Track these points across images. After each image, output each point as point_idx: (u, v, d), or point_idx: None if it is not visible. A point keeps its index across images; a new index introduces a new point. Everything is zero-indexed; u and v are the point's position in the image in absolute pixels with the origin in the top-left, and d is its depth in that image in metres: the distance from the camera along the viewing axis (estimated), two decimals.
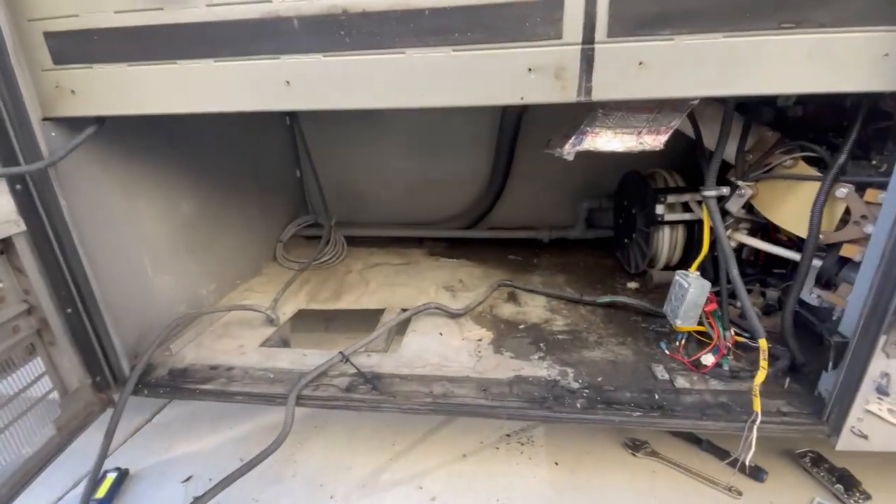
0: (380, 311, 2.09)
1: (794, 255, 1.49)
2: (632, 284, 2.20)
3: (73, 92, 1.33)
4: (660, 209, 1.96)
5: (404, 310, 2.02)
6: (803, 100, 1.52)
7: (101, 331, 1.50)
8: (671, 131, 1.33)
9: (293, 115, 2.79)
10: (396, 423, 1.94)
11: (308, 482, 1.70)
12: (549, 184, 2.84)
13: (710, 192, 1.46)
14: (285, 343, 2.01)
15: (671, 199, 1.93)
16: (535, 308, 2.05)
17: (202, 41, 1.21)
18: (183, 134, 1.94)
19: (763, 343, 1.35)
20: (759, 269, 1.95)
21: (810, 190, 1.36)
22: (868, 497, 1.52)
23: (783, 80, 1.08)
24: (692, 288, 1.52)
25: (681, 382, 1.52)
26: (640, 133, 1.35)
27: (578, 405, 1.43)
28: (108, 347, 1.53)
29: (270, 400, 1.57)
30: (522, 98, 1.17)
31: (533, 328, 1.89)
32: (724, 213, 1.57)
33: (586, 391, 1.49)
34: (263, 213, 2.60)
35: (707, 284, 1.52)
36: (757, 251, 1.90)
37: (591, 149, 1.35)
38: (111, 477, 1.65)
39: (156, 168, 1.82)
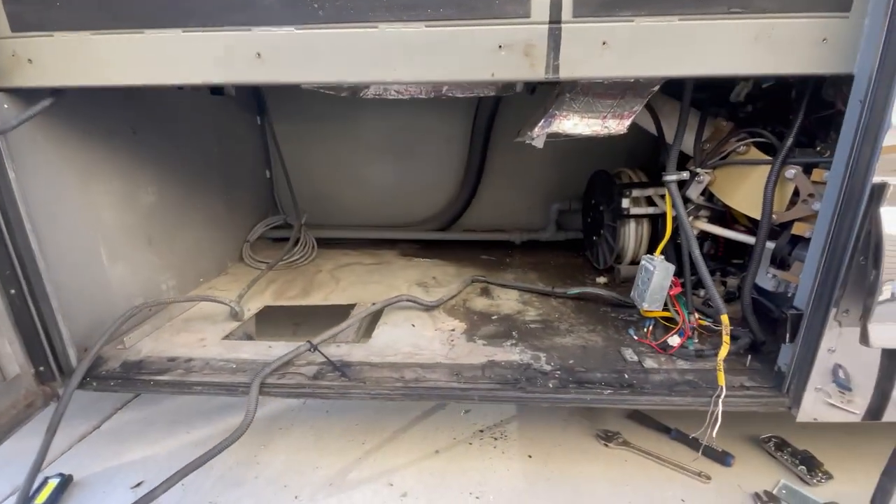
0: (350, 307, 2.05)
1: (750, 240, 1.56)
2: (601, 279, 2.25)
3: (30, 61, 1.27)
4: (625, 203, 2.03)
5: (374, 304, 1.99)
6: (753, 96, 1.63)
7: (48, 316, 1.40)
8: (633, 116, 1.39)
9: (264, 113, 2.76)
10: (366, 421, 1.88)
11: (271, 483, 1.60)
12: (521, 187, 2.90)
13: (671, 177, 1.53)
14: (250, 338, 1.93)
15: (636, 192, 2.01)
16: (507, 301, 2.05)
17: (171, 10, 1.19)
18: (147, 122, 1.89)
19: (725, 319, 1.40)
20: (719, 260, 2.04)
21: (762, 173, 1.44)
22: (830, 477, 1.56)
23: (733, 62, 1.16)
24: (657, 270, 1.56)
25: (649, 363, 1.54)
26: (604, 118, 1.40)
27: (550, 385, 1.43)
28: (54, 336, 1.43)
29: (232, 390, 1.49)
30: (493, 74, 1.20)
31: (506, 319, 1.89)
32: (686, 200, 1.64)
33: (558, 373, 1.49)
34: (230, 210, 2.53)
35: (671, 267, 1.57)
36: (717, 245, 2.00)
37: (559, 131, 1.40)
38: (52, 483, 1.51)
39: (115, 153, 1.75)
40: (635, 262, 2.25)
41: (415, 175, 2.90)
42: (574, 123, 1.40)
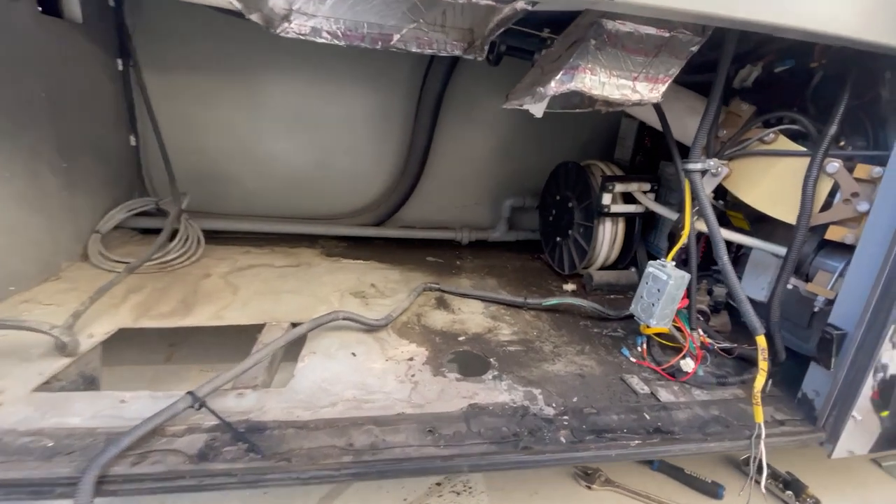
0: (257, 328, 1.45)
1: (760, 244, 1.35)
2: (568, 286, 1.94)
3: None
4: (606, 199, 1.75)
5: (295, 324, 1.43)
6: (762, 82, 1.43)
7: None
8: (669, 81, 1.07)
9: (127, 55, 1.98)
10: (281, 490, 1.32)
11: None
12: (469, 178, 2.51)
13: (695, 165, 1.24)
14: (89, 383, 1.23)
15: (619, 187, 1.73)
16: (472, 315, 1.63)
17: None
18: None
19: (761, 340, 1.14)
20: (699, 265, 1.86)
21: (790, 167, 1.22)
22: (817, 501, 1.42)
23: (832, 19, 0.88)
24: (672, 281, 1.27)
25: (665, 396, 1.24)
26: (635, 78, 1.06)
27: (562, 439, 1.04)
28: None
29: (43, 490, 0.84)
30: None
31: (476, 339, 1.46)
32: (693, 198, 1.37)
33: (566, 418, 1.11)
34: (69, 187, 1.72)
35: (687, 276, 1.29)
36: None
37: (582, 89, 1.02)
38: None
39: None
40: (605, 267, 1.99)
41: (343, 157, 2.34)
42: (601, 81, 1.04)
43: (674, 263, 1.32)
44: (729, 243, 1.58)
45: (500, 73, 2.29)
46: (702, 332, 1.41)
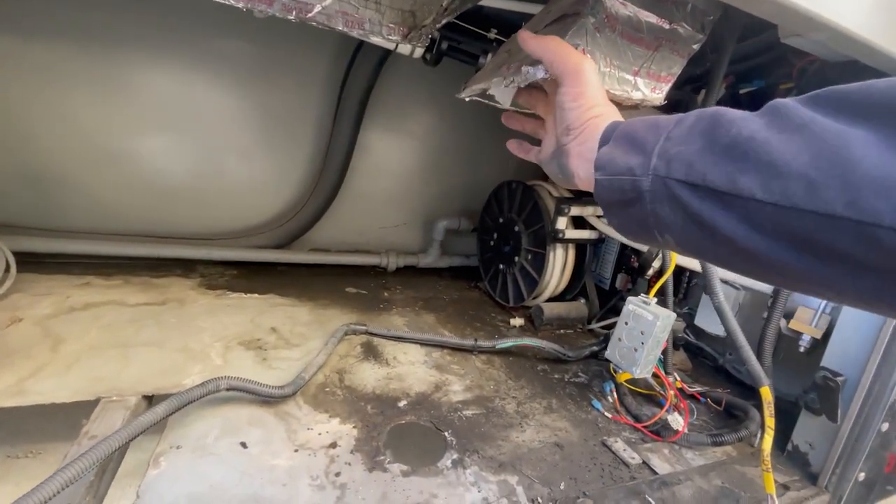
0: (85, 408, 0.93)
1: (749, 281, 1.22)
2: (515, 321, 1.69)
3: None
4: (561, 223, 1.54)
5: (148, 398, 0.94)
6: (722, 105, 1.33)
7: None
8: (671, 83, 0.87)
9: None
10: None
11: None
12: (394, 196, 2.17)
13: None
14: None
15: (574, 210, 1.54)
16: (411, 366, 1.27)
17: None
18: None
19: (766, 392, 0.97)
20: None
21: None
22: None
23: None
24: (659, 321, 1.06)
25: (659, 464, 1.01)
26: (636, 73, 0.84)
27: None
28: None
29: None
30: None
31: (422, 402, 1.11)
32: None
33: None
34: None
35: (673, 316, 1.09)
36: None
37: None
38: None
39: None
40: (553, 298, 1.78)
41: (235, 162, 1.84)
42: (601, 70, 0.80)
43: (656, 300, 1.12)
44: (681, 275, 1.46)
45: (433, 77, 2.04)
46: (677, 376, 1.22)
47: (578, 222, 1.64)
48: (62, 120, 1.59)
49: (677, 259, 1.17)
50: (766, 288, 1.21)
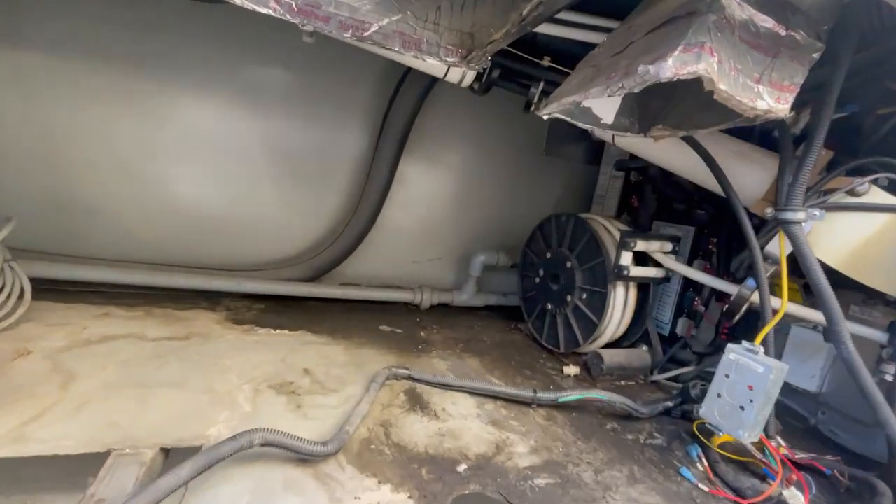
0: (93, 462, 0.78)
1: (865, 331, 1.04)
2: (569, 370, 1.50)
3: None
4: (626, 258, 1.40)
5: (166, 451, 0.79)
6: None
7: None
8: (795, 92, 0.76)
9: None
10: None
11: None
12: (429, 230, 2.06)
13: (797, 214, 0.92)
14: None
15: (640, 245, 1.40)
16: (463, 420, 1.09)
17: None
18: None
19: None
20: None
21: (888, 226, 0.96)
22: None
23: None
24: (772, 374, 0.89)
25: None
26: (758, 80, 0.73)
27: None
28: None
29: None
30: None
31: (484, 467, 0.93)
32: (765, 258, 1.06)
33: None
34: None
35: (786, 367, 0.91)
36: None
37: (706, 75, 0.65)
38: None
39: None
40: (610, 344, 1.60)
41: (268, 192, 1.76)
42: (726, 72, 0.68)
43: (762, 349, 0.95)
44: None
45: (474, 108, 1.98)
46: (780, 440, 1.03)
47: (640, 259, 1.49)
48: (97, 143, 1.54)
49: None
50: (875, 335, 1.04)
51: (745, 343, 0.97)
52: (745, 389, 0.92)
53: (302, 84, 1.71)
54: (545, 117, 0.89)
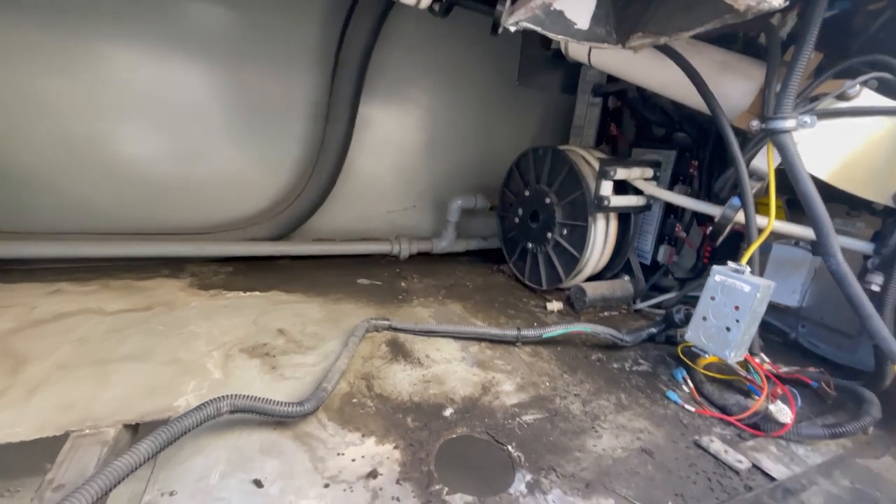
0: (53, 445, 0.72)
1: (856, 244, 1.02)
2: (553, 306, 1.49)
3: None
4: (606, 188, 1.34)
5: (132, 428, 0.74)
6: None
7: None
8: None
9: None
10: None
11: None
12: (401, 177, 1.95)
13: (787, 123, 0.86)
14: None
15: (620, 173, 1.33)
16: (448, 364, 1.07)
17: None
18: None
19: None
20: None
21: (885, 131, 0.91)
22: None
23: None
24: (760, 292, 0.86)
25: (772, 466, 0.82)
26: None
27: None
28: None
29: None
30: None
31: (471, 408, 0.91)
32: (751, 175, 1.01)
33: None
34: None
35: (773, 285, 0.89)
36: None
37: None
38: None
39: None
40: (593, 277, 1.58)
41: (223, 147, 1.61)
42: None
43: (749, 268, 0.92)
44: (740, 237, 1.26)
45: (436, 36, 1.81)
46: (764, 357, 1.03)
47: (620, 188, 1.43)
48: (23, 109, 1.35)
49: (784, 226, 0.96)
50: (861, 246, 1.02)
51: (730, 263, 0.94)
52: (731, 310, 0.90)
53: (244, 22, 1.52)
54: (512, 28, 0.78)
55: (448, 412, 0.89)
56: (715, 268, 0.94)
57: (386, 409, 0.88)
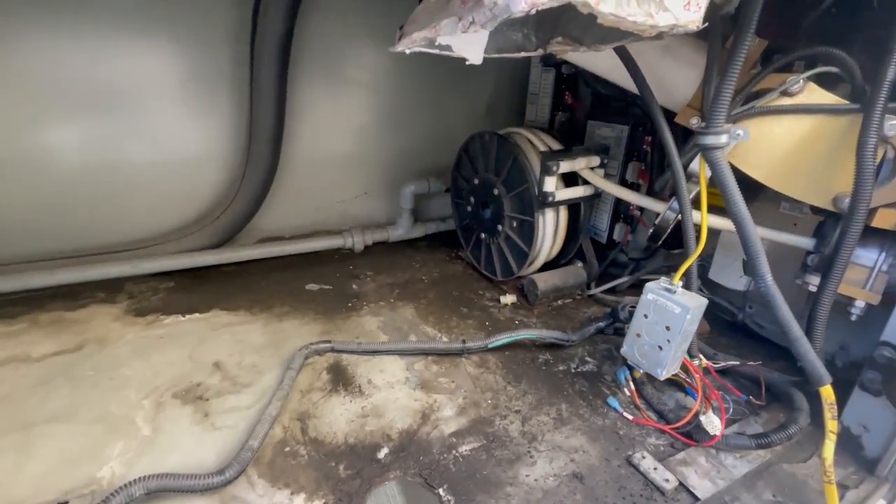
0: None
1: (792, 239, 0.99)
2: (506, 299, 1.47)
3: None
4: (550, 184, 1.27)
5: None
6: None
7: None
8: (705, 5, 0.56)
9: None
10: None
11: None
12: (347, 163, 1.83)
13: (719, 139, 0.79)
14: None
15: (564, 166, 1.25)
16: (390, 390, 1.06)
17: None
18: None
19: (827, 392, 0.78)
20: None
21: (826, 129, 0.85)
22: None
23: None
24: (690, 313, 0.84)
25: (697, 483, 0.85)
26: None
27: None
28: None
29: None
30: None
31: (407, 446, 0.90)
32: (688, 178, 0.95)
33: None
34: None
35: (705, 302, 0.87)
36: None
37: (575, 0, 0.45)
38: None
39: None
40: (548, 264, 1.55)
41: (137, 145, 1.47)
42: None
43: (681, 284, 0.89)
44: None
45: (370, 5, 1.63)
46: (702, 357, 1.03)
47: (569, 179, 1.36)
48: None
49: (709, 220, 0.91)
50: (802, 242, 0.99)
51: (663, 280, 0.90)
52: (662, 329, 0.88)
53: (144, 6, 1.32)
54: (407, 52, 0.67)
55: (383, 453, 0.88)
56: (648, 285, 0.90)
57: (319, 456, 0.87)
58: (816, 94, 0.85)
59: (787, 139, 0.88)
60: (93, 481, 0.81)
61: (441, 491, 0.81)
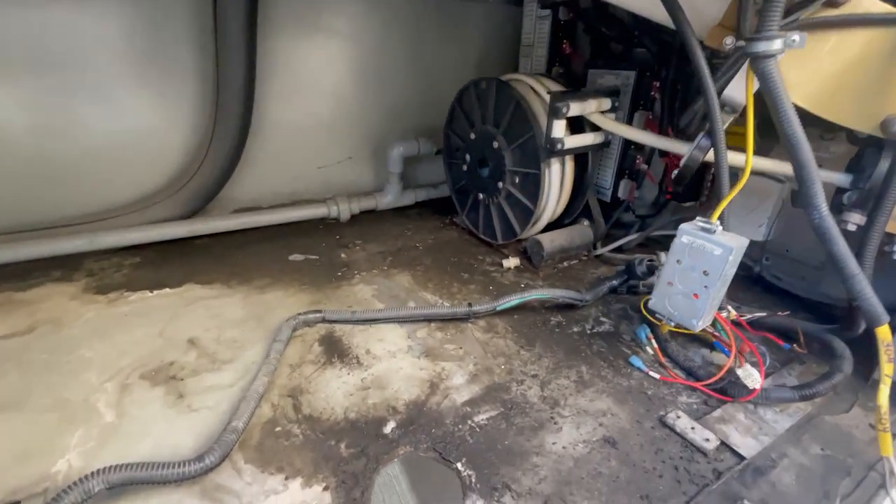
0: None
1: (836, 176, 0.89)
2: (509, 262, 1.36)
3: None
4: (558, 129, 1.15)
5: None
6: None
7: None
8: None
9: None
10: None
11: None
12: (330, 124, 1.68)
13: (773, 45, 0.68)
14: None
15: (574, 108, 1.14)
16: (391, 360, 0.94)
17: None
18: None
19: (886, 333, 0.70)
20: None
21: (868, 44, 0.75)
22: None
23: None
24: (733, 254, 0.75)
25: (740, 441, 0.77)
26: None
27: None
28: None
29: None
30: None
31: (416, 419, 0.80)
32: (722, 107, 0.84)
33: None
34: None
35: (745, 241, 0.78)
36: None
37: None
38: None
39: None
40: (551, 224, 1.45)
41: (94, 108, 1.29)
42: None
43: (720, 224, 0.79)
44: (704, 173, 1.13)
45: None
46: (731, 308, 0.95)
47: (575, 123, 1.25)
48: None
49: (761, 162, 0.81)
50: (837, 178, 0.91)
51: (699, 220, 0.81)
52: (699, 275, 0.79)
53: None
54: None
55: (389, 427, 0.77)
56: (682, 227, 0.81)
57: (316, 434, 0.76)
58: (867, 3, 0.75)
59: (832, 57, 0.78)
60: (46, 477, 0.68)
61: (459, 465, 0.71)
